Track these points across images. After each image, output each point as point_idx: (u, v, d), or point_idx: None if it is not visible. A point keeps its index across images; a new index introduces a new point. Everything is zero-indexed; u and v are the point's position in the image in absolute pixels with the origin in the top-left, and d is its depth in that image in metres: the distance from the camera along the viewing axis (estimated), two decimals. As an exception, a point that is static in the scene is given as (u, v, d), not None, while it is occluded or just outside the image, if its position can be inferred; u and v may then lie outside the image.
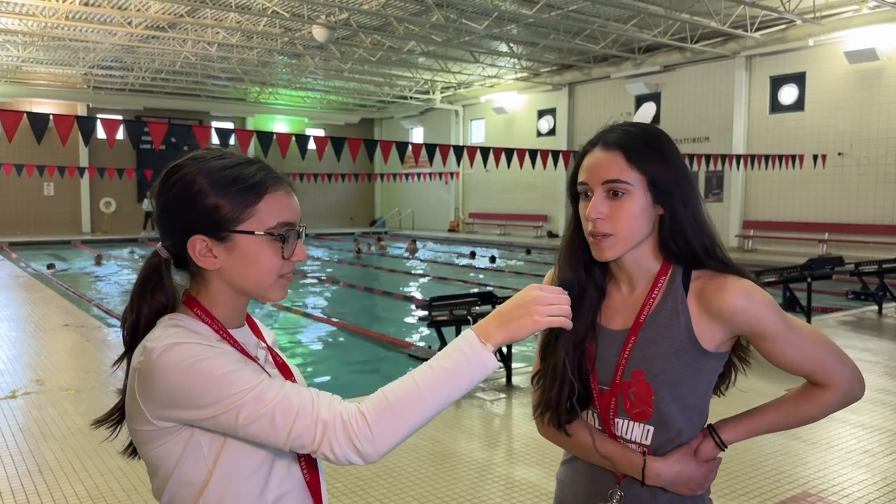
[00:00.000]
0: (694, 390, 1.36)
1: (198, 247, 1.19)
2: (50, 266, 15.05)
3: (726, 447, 1.41)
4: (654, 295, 1.37)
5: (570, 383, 1.41)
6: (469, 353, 1.13)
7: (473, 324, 1.19)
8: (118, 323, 1.33)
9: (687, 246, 1.35)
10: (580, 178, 1.39)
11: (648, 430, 1.37)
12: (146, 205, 24.77)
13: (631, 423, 1.38)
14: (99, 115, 10.94)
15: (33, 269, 14.94)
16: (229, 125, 25.84)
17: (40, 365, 6.42)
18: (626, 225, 1.33)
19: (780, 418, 1.41)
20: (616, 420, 1.40)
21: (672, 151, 1.37)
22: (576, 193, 1.42)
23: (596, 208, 1.33)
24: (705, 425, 1.43)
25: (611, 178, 1.32)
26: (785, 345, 1.33)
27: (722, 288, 1.32)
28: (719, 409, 1.54)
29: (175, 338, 1.13)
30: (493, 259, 17.22)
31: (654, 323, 1.36)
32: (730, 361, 1.44)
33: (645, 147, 1.34)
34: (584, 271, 1.42)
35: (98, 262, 16.18)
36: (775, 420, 1.41)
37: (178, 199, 1.20)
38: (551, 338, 1.46)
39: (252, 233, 1.18)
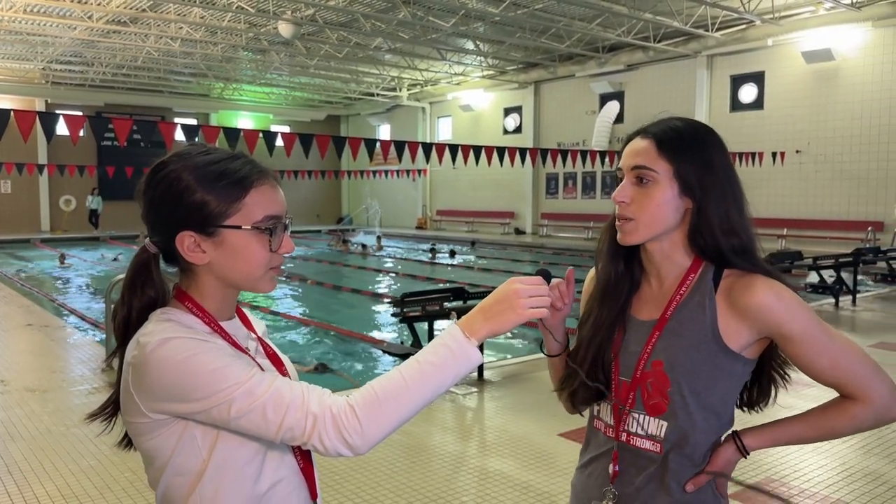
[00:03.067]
0: (712, 389, 1.34)
1: (186, 242, 1.20)
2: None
3: (748, 453, 1.39)
4: (682, 291, 1.38)
5: (589, 364, 1.43)
6: (454, 347, 1.17)
7: (446, 317, 1.23)
8: (82, 323, 1.34)
9: (714, 242, 1.34)
10: (618, 165, 1.43)
11: (662, 424, 1.37)
12: (90, 202, 24.30)
13: (647, 416, 1.38)
14: (59, 111, 10.70)
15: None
16: (192, 121, 25.51)
17: (4, 365, 6.29)
18: (649, 212, 1.34)
19: (806, 429, 1.37)
20: (631, 413, 1.40)
21: (710, 148, 1.37)
22: None
23: (621, 192, 1.38)
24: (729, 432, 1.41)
25: (638, 165, 1.36)
26: (813, 351, 1.30)
27: (750, 286, 1.31)
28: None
29: (168, 332, 1.14)
30: (452, 253, 17.47)
31: (679, 316, 1.37)
32: (769, 377, 1.44)
33: (678, 139, 1.36)
34: (623, 261, 1.45)
35: (62, 262, 15.84)
36: (802, 430, 1.38)
37: (165, 196, 1.21)
38: (586, 316, 1.48)
39: (239, 227, 1.20)
